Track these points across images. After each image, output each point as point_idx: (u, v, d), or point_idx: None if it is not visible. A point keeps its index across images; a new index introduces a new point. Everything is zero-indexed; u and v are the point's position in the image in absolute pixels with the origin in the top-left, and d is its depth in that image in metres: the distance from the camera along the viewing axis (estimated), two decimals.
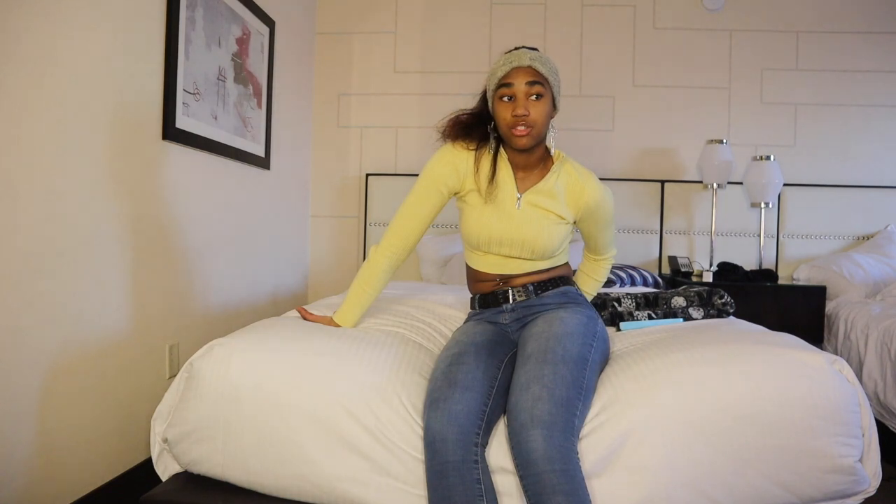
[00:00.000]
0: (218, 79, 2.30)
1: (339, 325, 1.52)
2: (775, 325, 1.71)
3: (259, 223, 2.77)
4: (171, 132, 1.99)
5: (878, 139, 3.27)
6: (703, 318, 1.78)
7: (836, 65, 3.27)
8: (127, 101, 1.80)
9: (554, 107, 1.45)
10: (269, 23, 2.75)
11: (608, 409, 1.23)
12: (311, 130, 3.45)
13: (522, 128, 1.38)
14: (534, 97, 1.38)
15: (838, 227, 3.23)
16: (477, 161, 1.47)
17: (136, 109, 1.85)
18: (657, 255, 3.27)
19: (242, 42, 2.50)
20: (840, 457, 1.20)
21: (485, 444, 1.18)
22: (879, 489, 1.27)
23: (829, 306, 2.78)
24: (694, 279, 2.91)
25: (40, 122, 1.48)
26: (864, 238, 3.21)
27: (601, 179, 1.55)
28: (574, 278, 1.69)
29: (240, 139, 2.50)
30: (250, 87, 2.59)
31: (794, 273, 3.14)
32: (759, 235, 3.14)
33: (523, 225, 1.44)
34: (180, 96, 2.04)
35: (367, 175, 3.37)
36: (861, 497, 1.25)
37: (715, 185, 3.06)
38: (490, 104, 1.45)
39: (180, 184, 2.10)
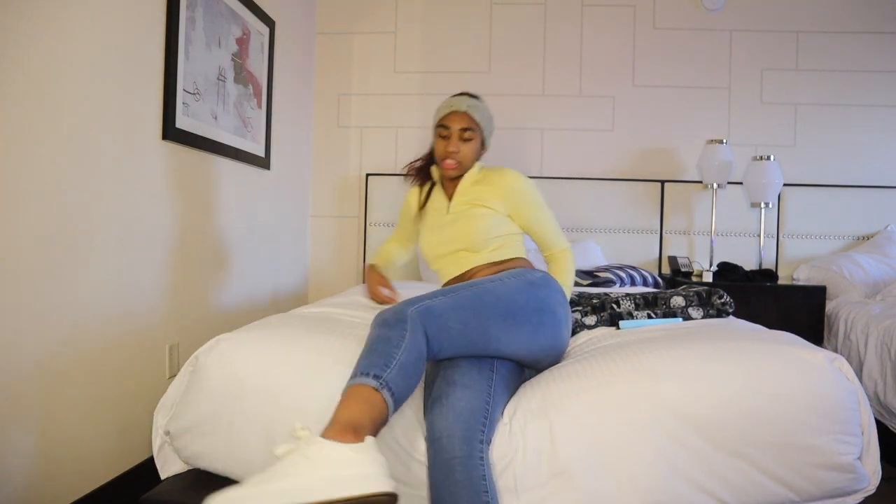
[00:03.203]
0: (218, 79, 2.31)
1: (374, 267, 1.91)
2: (775, 325, 1.71)
3: (259, 223, 2.77)
4: (171, 132, 1.99)
5: (878, 139, 3.28)
6: (703, 317, 1.78)
7: (836, 65, 3.27)
8: (127, 101, 1.80)
9: (483, 146, 1.78)
10: (269, 23, 2.75)
11: (606, 402, 1.23)
12: (311, 130, 3.45)
13: (452, 161, 1.70)
14: (465, 139, 1.70)
15: (838, 227, 3.23)
16: (423, 193, 1.86)
17: (136, 109, 1.85)
18: (657, 255, 3.27)
19: (242, 42, 2.51)
20: (839, 454, 1.20)
21: (488, 442, 1.18)
22: (879, 488, 1.27)
23: (829, 306, 2.78)
24: (694, 279, 2.91)
25: (40, 121, 1.49)
26: (864, 238, 3.21)
27: (601, 179, 1.57)
28: None
29: (240, 139, 2.51)
30: (250, 87, 2.59)
31: (794, 273, 3.14)
32: (759, 235, 3.14)
33: (454, 222, 1.69)
34: (180, 96, 2.04)
35: (368, 175, 3.37)
36: (860, 496, 1.25)
37: (715, 185, 3.06)
38: (433, 136, 1.77)
39: (180, 184, 2.10)
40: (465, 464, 1.12)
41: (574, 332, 1.77)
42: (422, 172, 1.87)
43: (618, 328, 1.75)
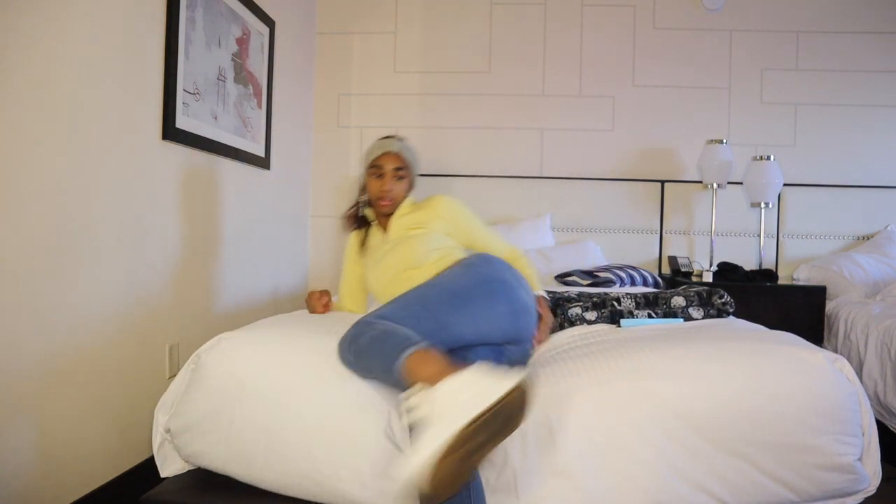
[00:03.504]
0: (218, 79, 2.31)
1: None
2: (775, 325, 1.71)
3: (259, 223, 2.77)
4: (171, 132, 1.99)
5: (878, 139, 3.27)
6: (703, 317, 1.78)
7: (836, 65, 3.27)
8: (127, 101, 1.80)
9: (412, 184, 1.85)
10: (269, 23, 2.75)
11: (606, 402, 1.23)
12: (311, 130, 3.45)
13: (386, 201, 1.77)
14: (398, 178, 1.78)
15: (838, 227, 3.23)
16: (362, 236, 1.92)
17: (136, 109, 1.85)
18: (657, 255, 3.27)
19: (242, 42, 2.51)
20: (839, 455, 1.20)
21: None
22: (879, 489, 1.27)
23: (829, 306, 2.78)
24: (694, 279, 2.91)
25: (40, 121, 1.49)
26: (864, 238, 3.21)
27: (601, 179, 1.57)
28: None
29: (240, 139, 2.50)
30: (250, 87, 2.59)
31: (794, 273, 3.14)
32: (759, 235, 3.14)
33: (394, 248, 1.72)
34: (180, 96, 2.04)
35: None
36: (861, 496, 1.25)
37: (715, 185, 3.06)
38: (363, 179, 1.83)
39: (180, 184, 2.10)
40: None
41: (573, 325, 1.78)
42: (357, 218, 1.92)
43: (619, 326, 1.76)
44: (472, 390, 1.02)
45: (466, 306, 1.34)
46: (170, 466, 1.38)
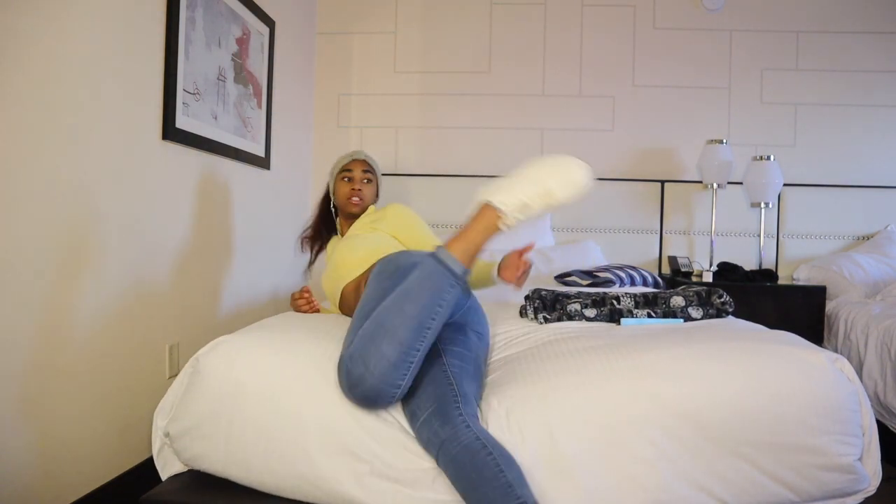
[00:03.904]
0: (218, 79, 2.31)
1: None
2: (775, 324, 1.71)
3: (259, 223, 2.77)
4: (171, 132, 1.99)
5: (878, 139, 3.28)
6: (703, 317, 1.78)
7: (836, 65, 3.27)
8: (127, 101, 1.80)
9: (377, 192, 2.09)
10: (269, 23, 2.75)
11: (606, 401, 1.23)
12: (311, 130, 3.45)
13: (356, 199, 1.99)
14: (366, 181, 2.02)
15: (838, 227, 3.23)
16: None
17: (136, 109, 1.85)
18: (657, 255, 3.27)
19: (242, 42, 2.51)
20: (839, 455, 1.20)
21: (472, 415, 1.18)
22: (880, 489, 1.27)
23: (829, 306, 2.78)
24: (694, 279, 2.91)
25: (40, 121, 1.49)
26: (864, 238, 3.21)
27: (601, 179, 1.57)
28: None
29: (240, 139, 2.50)
30: (250, 87, 2.59)
31: (794, 273, 3.14)
32: (759, 235, 3.14)
33: (342, 245, 1.87)
34: (180, 96, 2.04)
35: None
36: (861, 496, 1.25)
37: (715, 185, 3.06)
38: (332, 187, 2.07)
39: (180, 184, 2.10)
40: (456, 441, 1.12)
41: (571, 319, 1.78)
42: (320, 231, 2.11)
43: (618, 325, 1.76)
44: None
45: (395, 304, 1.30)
46: (170, 471, 1.37)
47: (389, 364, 1.15)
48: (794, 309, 2.68)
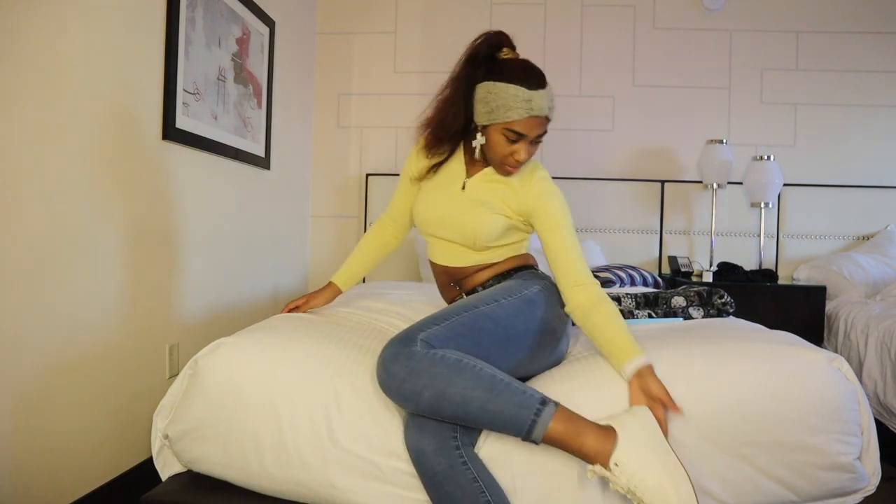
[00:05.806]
0: (218, 79, 2.31)
1: (334, 285, 1.71)
2: (775, 325, 1.71)
3: (259, 223, 2.77)
4: (171, 132, 1.99)
5: (878, 139, 3.28)
6: (703, 317, 1.78)
7: (836, 65, 3.27)
8: (127, 101, 1.80)
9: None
10: (269, 23, 2.75)
11: (607, 402, 1.23)
12: (311, 130, 3.45)
13: (515, 167, 1.45)
14: (535, 143, 1.44)
15: (838, 227, 3.23)
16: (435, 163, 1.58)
17: (136, 109, 1.85)
18: (657, 255, 3.27)
19: (242, 42, 2.51)
20: (839, 454, 1.20)
21: (471, 444, 1.18)
22: (879, 489, 1.27)
23: (829, 306, 2.78)
24: (694, 279, 2.91)
25: (40, 122, 1.49)
26: (864, 238, 3.21)
27: (601, 179, 1.56)
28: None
29: (240, 139, 2.51)
30: (250, 87, 2.60)
31: (794, 273, 3.14)
32: (759, 235, 3.14)
33: (462, 211, 1.47)
34: (180, 96, 2.04)
35: (367, 175, 3.37)
36: (860, 495, 1.25)
37: (715, 185, 3.06)
38: (484, 120, 1.45)
39: (180, 184, 2.10)
40: (449, 475, 1.13)
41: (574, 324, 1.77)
42: (444, 146, 1.54)
43: None
44: (671, 481, 1.06)
45: (513, 355, 1.30)
46: (169, 471, 1.37)
47: (420, 402, 1.14)
48: (794, 309, 2.68)
